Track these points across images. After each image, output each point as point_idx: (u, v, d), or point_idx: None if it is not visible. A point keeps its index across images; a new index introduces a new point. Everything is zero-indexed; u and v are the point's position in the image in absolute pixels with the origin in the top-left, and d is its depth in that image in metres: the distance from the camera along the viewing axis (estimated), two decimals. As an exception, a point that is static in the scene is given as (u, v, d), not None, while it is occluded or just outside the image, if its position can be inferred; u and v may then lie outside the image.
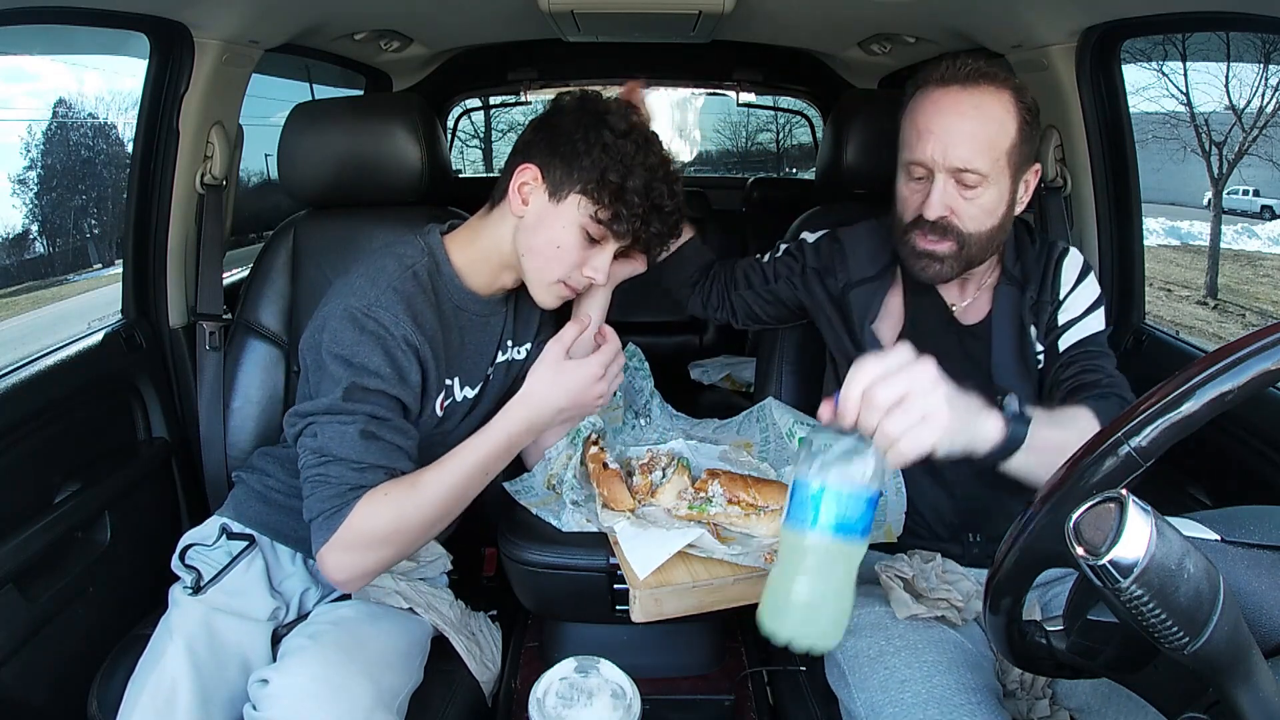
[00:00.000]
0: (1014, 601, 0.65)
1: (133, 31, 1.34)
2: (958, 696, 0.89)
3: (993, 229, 1.07)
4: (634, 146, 1.03)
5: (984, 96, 1.04)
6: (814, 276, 1.26)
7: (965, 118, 1.03)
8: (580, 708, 0.89)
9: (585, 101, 1.06)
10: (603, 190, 1.01)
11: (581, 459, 1.16)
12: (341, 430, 0.95)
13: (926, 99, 1.06)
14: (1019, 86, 1.06)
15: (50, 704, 1.13)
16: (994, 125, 1.03)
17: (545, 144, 1.04)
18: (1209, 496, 1.24)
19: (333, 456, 0.95)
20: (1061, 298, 1.14)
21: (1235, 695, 0.51)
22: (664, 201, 1.05)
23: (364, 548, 0.96)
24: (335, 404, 0.96)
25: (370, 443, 0.96)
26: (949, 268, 1.09)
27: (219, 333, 1.46)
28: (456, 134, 3.93)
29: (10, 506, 1.13)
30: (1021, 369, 1.12)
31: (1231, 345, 0.53)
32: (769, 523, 1.01)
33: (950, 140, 1.03)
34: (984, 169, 1.03)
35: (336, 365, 0.97)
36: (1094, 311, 1.13)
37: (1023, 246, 1.18)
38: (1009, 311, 1.13)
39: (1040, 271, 1.15)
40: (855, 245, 1.23)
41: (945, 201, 1.05)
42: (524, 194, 1.05)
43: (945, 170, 1.04)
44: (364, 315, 0.98)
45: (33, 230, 3.07)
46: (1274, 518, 0.67)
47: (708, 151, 5.94)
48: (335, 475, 0.95)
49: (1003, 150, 1.04)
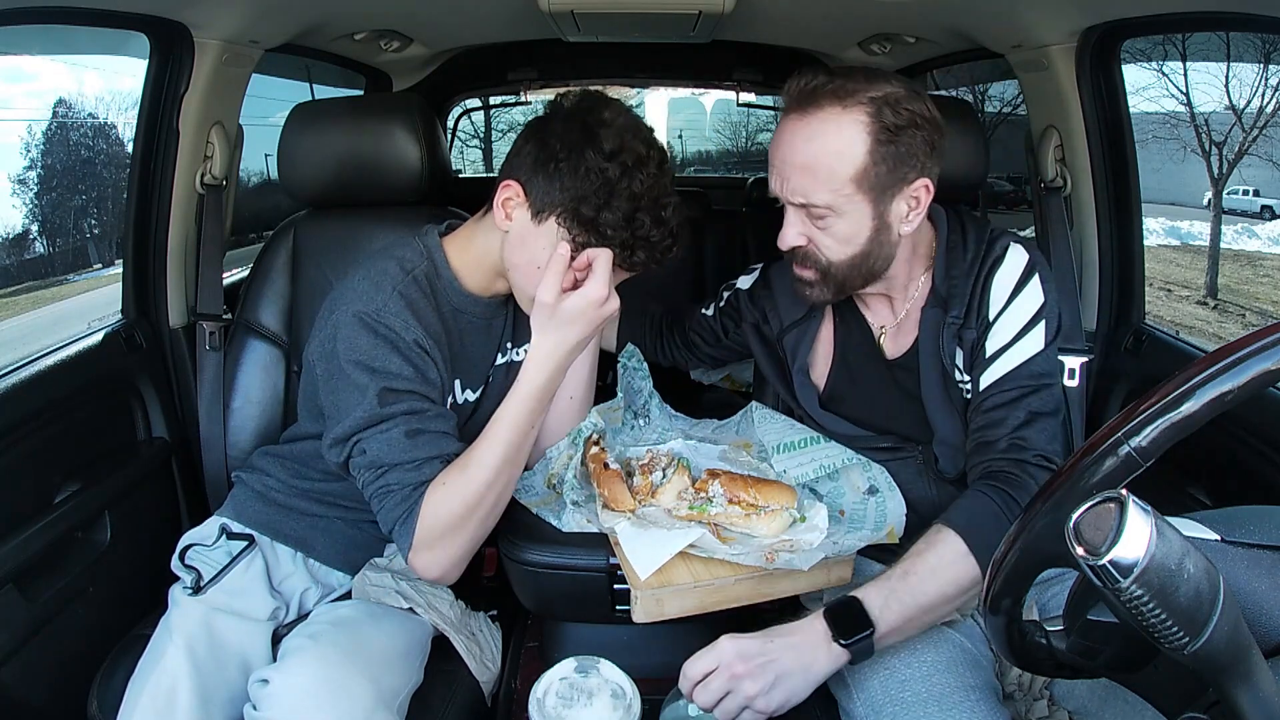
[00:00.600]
0: (1014, 601, 0.65)
1: (133, 31, 1.33)
2: (957, 695, 0.89)
3: (855, 256, 1.01)
4: (619, 171, 0.97)
5: (821, 122, 0.96)
6: (751, 330, 1.25)
7: (798, 150, 0.98)
8: (580, 708, 0.89)
9: (579, 110, 1.01)
10: (575, 221, 0.98)
11: (582, 459, 1.16)
12: (387, 438, 0.96)
13: (778, 126, 1.02)
14: (880, 98, 0.95)
15: (50, 704, 1.13)
16: (828, 154, 0.96)
17: (531, 159, 1.01)
18: (1209, 496, 1.24)
19: (388, 464, 0.97)
20: (992, 319, 1.03)
21: (1235, 695, 0.51)
22: (648, 231, 0.99)
23: (444, 539, 0.98)
24: (372, 414, 0.96)
25: (417, 439, 0.97)
26: (820, 292, 1.06)
27: (219, 333, 1.46)
28: (456, 134, 3.93)
29: (10, 506, 1.13)
30: (948, 402, 1.07)
31: (1231, 345, 0.53)
32: (769, 522, 1.01)
33: (785, 174, 0.99)
34: (823, 201, 0.97)
35: (359, 373, 0.97)
36: (1030, 331, 1.02)
37: (954, 256, 1.07)
38: (933, 338, 1.06)
39: (969, 287, 1.05)
40: (784, 286, 1.17)
41: (797, 232, 1.02)
42: (507, 209, 1.03)
43: (791, 204, 1.01)
44: (374, 320, 0.98)
45: (33, 230, 3.08)
46: (1274, 518, 0.68)
47: (708, 151, 5.94)
48: (395, 481, 0.97)
49: (845, 178, 0.96)
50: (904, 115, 0.96)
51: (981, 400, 1.02)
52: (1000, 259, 1.05)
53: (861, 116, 0.96)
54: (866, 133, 0.96)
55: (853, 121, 0.96)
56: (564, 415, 1.21)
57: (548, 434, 1.22)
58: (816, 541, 0.98)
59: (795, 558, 0.95)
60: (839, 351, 1.17)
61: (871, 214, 0.99)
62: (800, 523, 1.02)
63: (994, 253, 1.05)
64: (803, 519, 1.02)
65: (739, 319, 1.29)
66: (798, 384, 1.17)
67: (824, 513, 1.01)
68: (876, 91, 0.96)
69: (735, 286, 1.32)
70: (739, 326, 1.29)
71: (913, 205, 1.01)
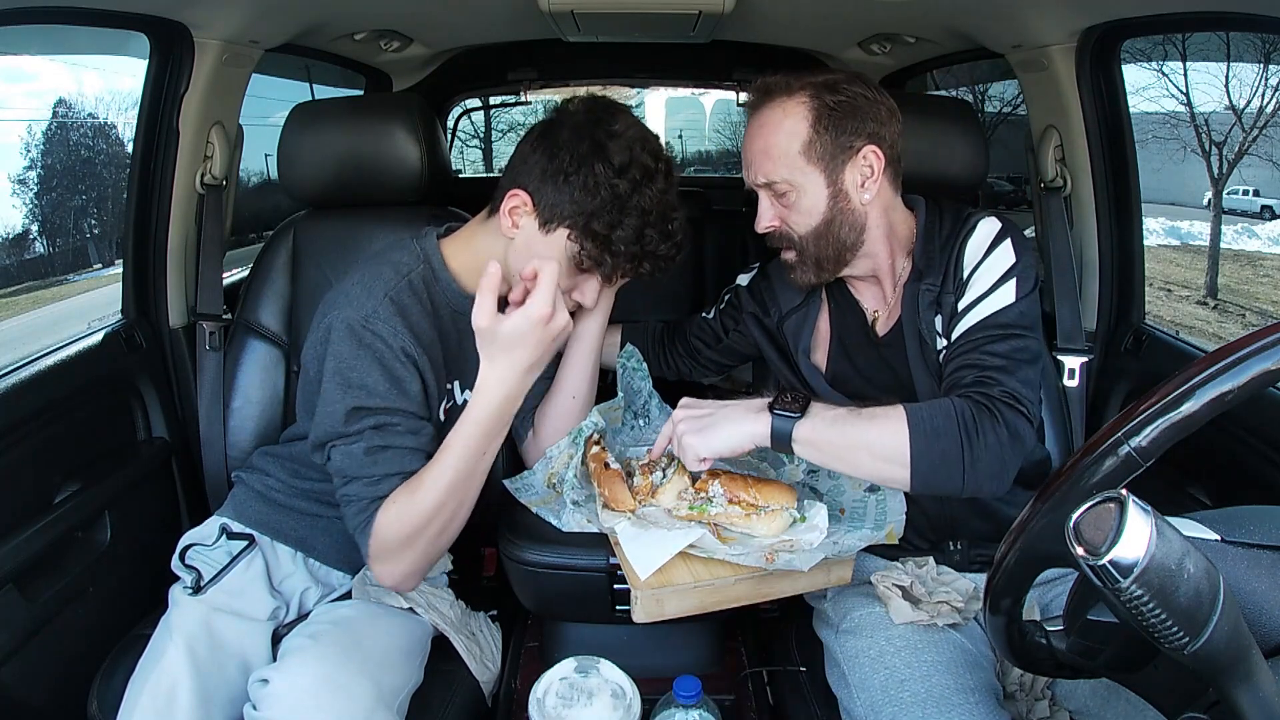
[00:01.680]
0: (1014, 601, 0.65)
1: (133, 31, 1.33)
2: (956, 697, 0.89)
3: (819, 225, 1.09)
4: (629, 186, 1.00)
5: (769, 112, 1.08)
6: (752, 321, 1.29)
7: (754, 138, 1.10)
8: (580, 708, 0.89)
9: (588, 121, 1.02)
10: (589, 235, 1.01)
11: (582, 458, 1.16)
12: (348, 451, 0.99)
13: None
14: (822, 84, 1.07)
15: (50, 704, 1.13)
16: (780, 134, 1.07)
17: (539, 169, 1.02)
18: (1209, 496, 1.24)
19: (349, 476, 0.99)
20: (965, 277, 1.07)
21: (1235, 695, 0.51)
22: (656, 247, 1.04)
23: (394, 553, 1.00)
24: (337, 429, 0.99)
25: (378, 455, 0.98)
26: (802, 273, 1.13)
27: (219, 333, 1.46)
28: (456, 134, 3.93)
29: (10, 506, 1.13)
30: (928, 372, 1.10)
31: (1231, 345, 0.53)
32: (770, 523, 1.01)
33: (751, 162, 1.10)
34: (782, 176, 1.07)
35: (335, 386, 0.99)
36: (1002, 286, 1.04)
37: (931, 234, 1.13)
38: (911, 310, 1.11)
39: (944, 259, 1.10)
40: (781, 275, 1.23)
41: (770, 215, 1.12)
42: (514, 218, 1.04)
43: (761, 189, 1.11)
44: (362, 328, 0.98)
45: (33, 230, 3.07)
46: (1274, 518, 0.67)
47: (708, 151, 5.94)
48: (354, 493, 0.99)
49: (795, 153, 1.06)
50: (845, 92, 1.07)
51: (952, 353, 1.05)
52: (972, 229, 1.09)
53: (804, 98, 1.07)
54: (809, 110, 1.07)
55: (797, 104, 1.07)
56: (565, 414, 1.21)
57: (549, 433, 1.22)
58: (816, 541, 0.98)
59: (795, 558, 0.96)
60: (835, 334, 1.21)
61: (825, 183, 1.08)
62: (800, 523, 1.02)
63: (967, 226, 1.10)
64: (803, 519, 1.02)
65: (740, 314, 1.31)
66: (803, 366, 1.20)
67: (824, 513, 1.01)
68: (817, 79, 1.08)
69: (735, 286, 1.35)
70: (740, 322, 1.31)
71: (866, 174, 1.08)
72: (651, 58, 2.68)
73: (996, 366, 0.98)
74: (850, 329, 1.19)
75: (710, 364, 1.38)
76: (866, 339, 1.17)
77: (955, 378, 1.01)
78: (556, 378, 1.24)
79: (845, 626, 1.03)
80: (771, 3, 1.53)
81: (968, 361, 1.01)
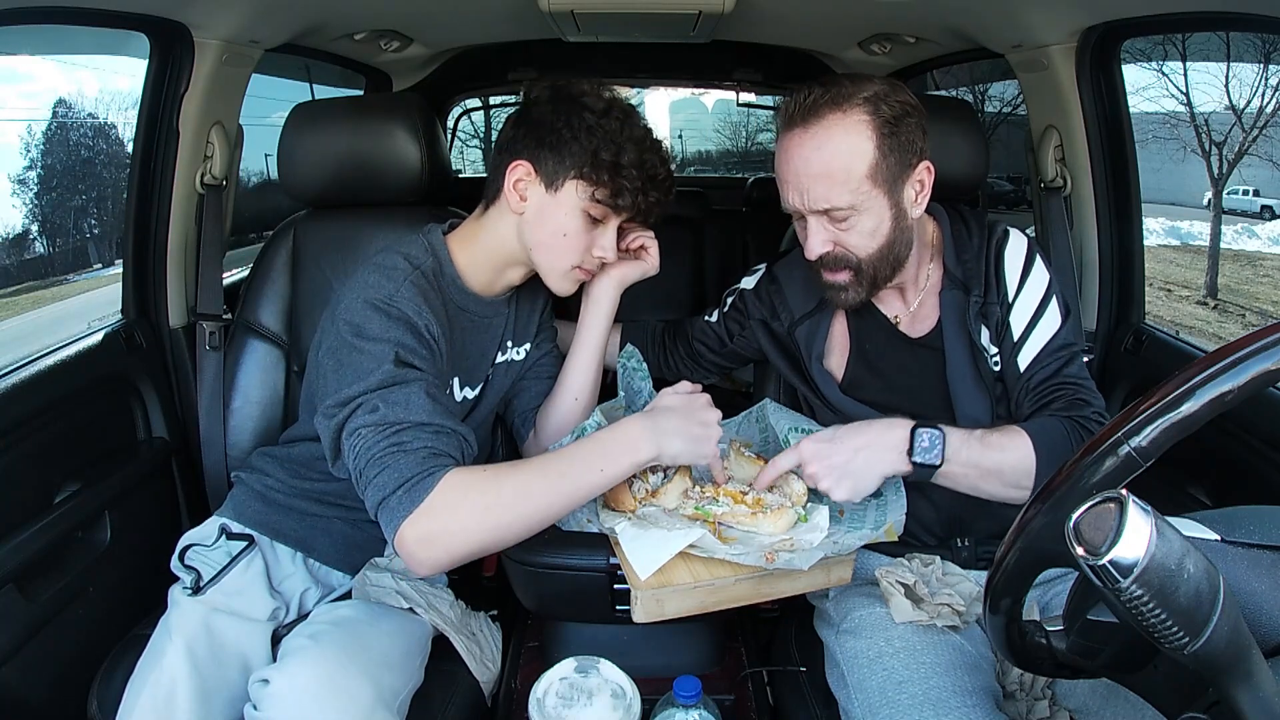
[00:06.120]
0: (1014, 601, 0.65)
1: (133, 31, 1.33)
2: (954, 699, 0.89)
3: (883, 246, 1.06)
4: (617, 123, 1.04)
5: (828, 129, 1.00)
6: (759, 326, 1.27)
7: (811, 160, 1.01)
8: (580, 708, 0.89)
9: (557, 90, 1.07)
10: (599, 170, 1.03)
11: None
12: (406, 394, 0.88)
13: (780, 145, 1.06)
14: (873, 96, 1.01)
15: (50, 704, 1.13)
16: (844, 155, 1.00)
17: (530, 138, 1.05)
18: (1209, 496, 1.24)
19: (406, 422, 0.87)
20: (1011, 299, 1.09)
21: (1235, 695, 0.51)
22: (657, 170, 1.07)
23: (452, 523, 0.86)
24: (390, 374, 0.89)
25: (435, 402, 0.91)
26: (854, 294, 1.09)
27: (219, 333, 1.46)
28: (456, 134, 3.93)
29: (10, 506, 1.13)
30: (977, 378, 1.10)
31: (1231, 345, 0.53)
32: (774, 520, 1.01)
33: (804, 185, 1.02)
34: (846, 202, 1.01)
35: (374, 345, 0.92)
36: (1048, 306, 1.09)
37: (961, 243, 1.13)
38: (957, 319, 1.11)
39: (984, 269, 1.11)
40: (791, 280, 1.22)
41: (823, 240, 1.05)
42: (520, 190, 1.06)
43: (812, 213, 1.04)
44: (387, 305, 0.96)
45: (33, 230, 3.08)
46: (1274, 518, 0.67)
47: (708, 151, 5.95)
48: (412, 441, 0.86)
49: (861, 176, 1.01)
50: (897, 107, 1.02)
51: (1028, 379, 1.08)
52: (1004, 240, 1.13)
53: (862, 116, 1.01)
54: (870, 129, 1.01)
55: (856, 122, 1.01)
56: (567, 415, 1.21)
57: (550, 433, 1.22)
58: (816, 541, 0.98)
59: (795, 557, 0.95)
60: (855, 340, 1.19)
61: (889, 204, 1.04)
62: (802, 522, 1.02)
63: (996, 234, 1.13)
64: (805, 519, 1.02)
65: (745, 318, 1.29)
66: (816, 373, 1.18)
67: (825, 513, 1.01)
68: (867, 91, 1.01)
69: (739, 288, 1.32)
70: (745, 327, 1.29)
71: (919, 189, 1.06)
72: (652, 58, 2.69)
73: (1079, 386, 1.06)
74: (872, 333, 1.18)
75: (712, 367, 1.37)
76: (896, 341, 1.16)
77: (1044, 400, 1.06)
78: (560, 379, 1.24)
79: (845, 626, 1.03)
80: (771, 3, 1.53)
81: (1052, 385, 1.06)
